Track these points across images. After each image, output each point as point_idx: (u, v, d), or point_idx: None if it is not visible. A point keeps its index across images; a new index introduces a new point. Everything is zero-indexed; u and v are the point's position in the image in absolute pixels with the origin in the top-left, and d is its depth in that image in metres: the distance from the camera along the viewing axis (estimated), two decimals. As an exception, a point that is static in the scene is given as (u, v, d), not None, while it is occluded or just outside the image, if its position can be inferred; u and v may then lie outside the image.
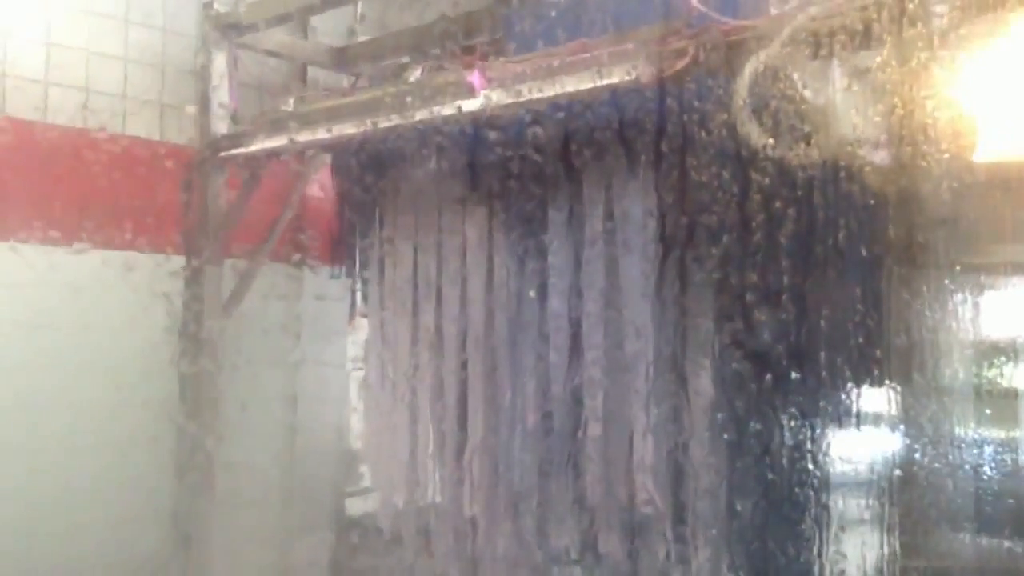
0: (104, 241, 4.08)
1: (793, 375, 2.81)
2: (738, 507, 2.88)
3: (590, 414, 3.19)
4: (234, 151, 4.11)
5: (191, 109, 4.31)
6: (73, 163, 4.03)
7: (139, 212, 4.19)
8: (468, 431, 3.55)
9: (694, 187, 2.85)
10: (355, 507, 4.51)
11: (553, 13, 3.26)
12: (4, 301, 3.80)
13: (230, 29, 4.28)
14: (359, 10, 4.79)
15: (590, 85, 2.91)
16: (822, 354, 2.76)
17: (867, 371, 2.77)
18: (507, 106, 3.10)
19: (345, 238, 4.04)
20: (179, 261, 4.26)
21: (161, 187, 4.25)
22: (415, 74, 3.52)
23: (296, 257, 4.61)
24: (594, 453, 3.16)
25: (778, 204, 2.71)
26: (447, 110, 3.22)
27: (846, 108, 2.60)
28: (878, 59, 2.50)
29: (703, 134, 2.82)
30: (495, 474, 3.45)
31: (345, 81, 4.68)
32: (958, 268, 2.74)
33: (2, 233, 3.82)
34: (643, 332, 3.08)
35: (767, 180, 2.69)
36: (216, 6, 4.29)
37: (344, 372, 4.77)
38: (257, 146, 4.00)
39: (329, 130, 3.66)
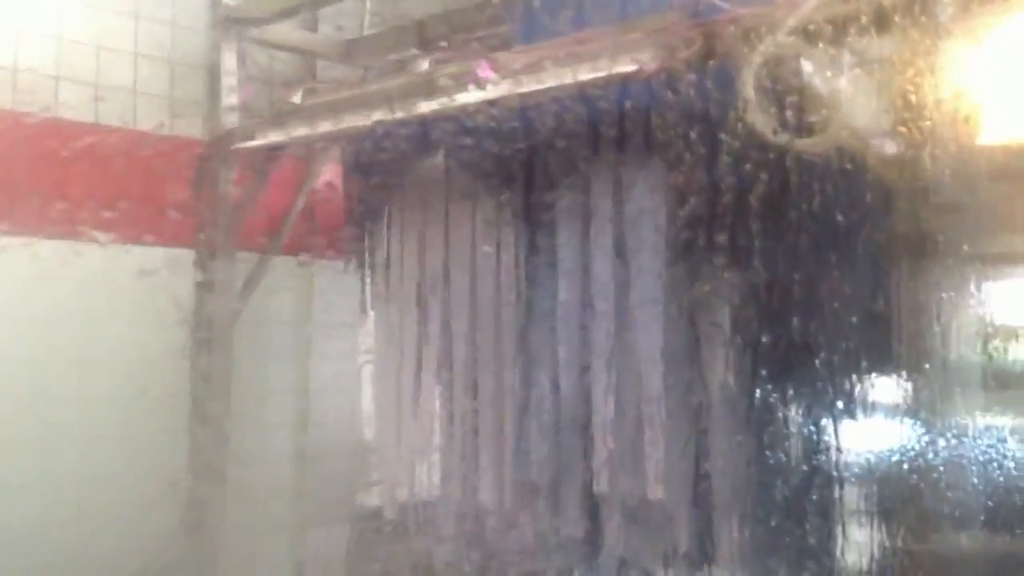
0: (115, 236, 4.09)
1: (808, 365, 2.79)
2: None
3: (601, 404, 3.19)
4: (244, 144, 4.12)
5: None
6: (83, 158, 4.04)
7: (150, 206, 4.21)
8: (478, 422, 3.55)
9: (706, 178, 2.83)
10: (367, 498, 4.51)
11: (560, 4, 3.25)
12: (16, 296, 3.82)
13: (239, 23, 4.29)
14: (368, 3, 4.79)
15: (597, 75, 2.90)
16: (841, 343, 2.75)
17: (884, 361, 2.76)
18: (514, 97, 3.09)
19: (354, 231, 4.04)
20: (191, 255, 4.28)
21: (172, 181, 4.26)
22: (423, 66, 3.51)
23: (307, 250, 4.63)
24: (606, 443, 3.15)
25: (788, 193, 2.70)
26: (454, 101, 3.21)
27: (856, 96, 2.58)
28: (888, 46, 2.48)
29: (712, 123, 2.80)
30: (505, 464, 3.45)
31: (353, 75, 4.68)
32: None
33: (13, 228, 3.84)
34: (655, 321, 3.07)
35: (779, 170, 2.67)
36: (225, 0, 4.30)
37: (356, 364, 4.78)
38: (266, 139, 4.01)
39: (337, 123, 3.66)
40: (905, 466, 2.77)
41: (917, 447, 2.77)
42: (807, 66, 2.66)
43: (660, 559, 3.11)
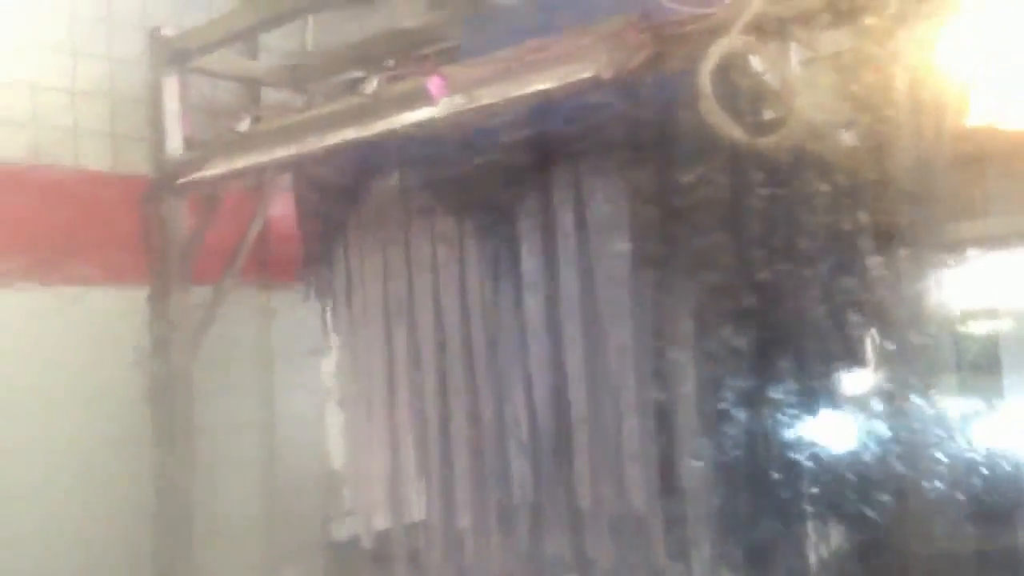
0: (64, 278, 3.98)
1: (778, 364, 2.78)
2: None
3: (574, 424, 3.15)
4: (190, 177, 4.04)
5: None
6: (26, 201, 3.93)
7: (98, 245, 4.10)
8: (448, 445, 3.49)
9: (667, 181, 2.81)
10: (339, 531, 4.43)
11: (508, 16, 3.22)
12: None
13: (179, 54, 4.21)
14: (310, 27, 4.73)
15: (550, 85, 2.87)
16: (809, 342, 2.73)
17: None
18: (467, 111, 3.05)
19: (311, 258, 3.97)
20: (144, 292, 4.18)
21: (119, 218, 4.16)
22: (372, 85, 3.46)
23: (263, 280, 4.54)
24: (581, 462, 3.11)
25: (752, 192, 2.68)
26: (406, 119, 3.16)
27: (812, 91, 2.57)
28: (841, 40, 2.47)
29: (670, 128, 2.78)
30: (480, 488, 3.39)
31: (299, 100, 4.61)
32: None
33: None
34: (624, 338, 3.04)
35: (741, 169, 2.66)
36: (163, 31, 4.22)
37: (321, 394, 4.71)
38: (213, 170, 3.93)
39: (285, 149, 3.59)
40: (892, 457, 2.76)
41: (898, 436, 2.76)
42: (761, 63, 2.65)
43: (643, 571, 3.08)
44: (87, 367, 3.98)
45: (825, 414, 2.85)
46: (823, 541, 2.86)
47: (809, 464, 2.86)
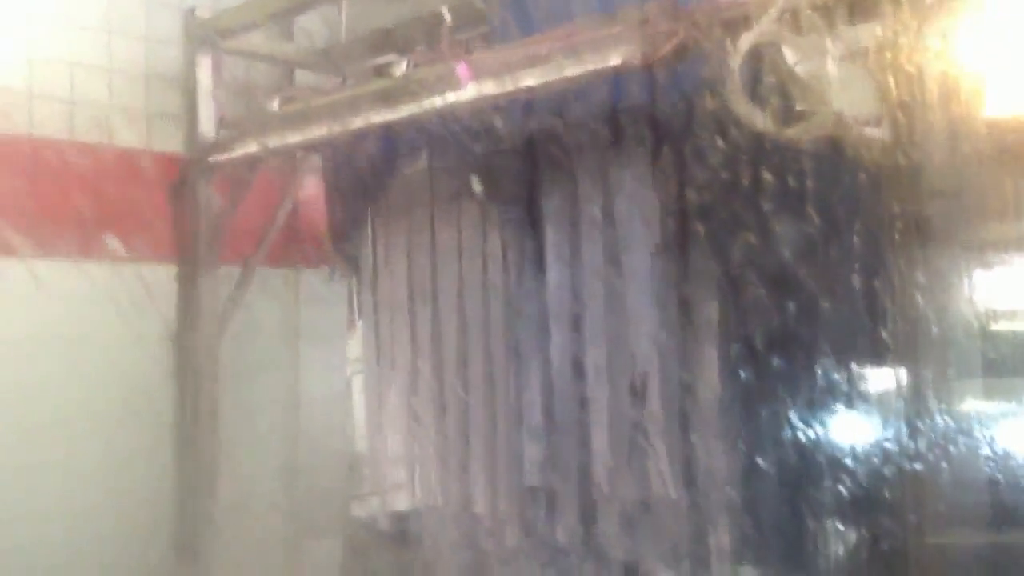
0: (96, 254, 4.02)
1: (802, 354, 2.76)
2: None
3: (593, 408, 3.14)
4: (222, 156, 4.06)
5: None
6: (61, 176, 3.97)
7: (130, 223, 4.14)
8: (468, 428, 3.50)
9: (693, 171, 2.80)
10: (360, 510, 4.46)
11: (540, 1, 3.21)
12: (-2, 318, 3.75)
13: (214, 34, 4.24)
14: (344, 10, 4.73)
15: (579, 71, 2.86)
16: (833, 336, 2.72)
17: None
18: (496, 96, 3.04)
19: (338, 239, 3.99)
20: (173, 270, 4.21)
21: (151, 197, 4.20)
22: (401, 68, 3.46)
23: (291, 261, 4.57)
24: (599, 447, 3.11)
25: (778, 182, 2.67)
26: (434, 103, 3.17)
27: (844, 82, 2.55)
28: (874, 31, 2.45)
29: (699, 116, 2.76)
30: (498, 471, 3.40)
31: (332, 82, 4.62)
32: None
33: (-10, 249, 3.77)
34: (647, 324, 3.03)
35: (767, 160, 2.64)
36: (198, 12, 4.25)
37: (346, 374, 4.73)
38: (245, 150, 3.96)
39: (316, 130, 3.60)
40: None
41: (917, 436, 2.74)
42: (792, 54, 2.62)
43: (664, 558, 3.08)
44: (115, 343, 4.02)
45: (848, 406, 2.84)
46: (843, 537, 2.84)
47: (831, 457, 2.85)
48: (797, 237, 2.73)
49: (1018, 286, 3.01)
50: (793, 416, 2.85)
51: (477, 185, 3.43)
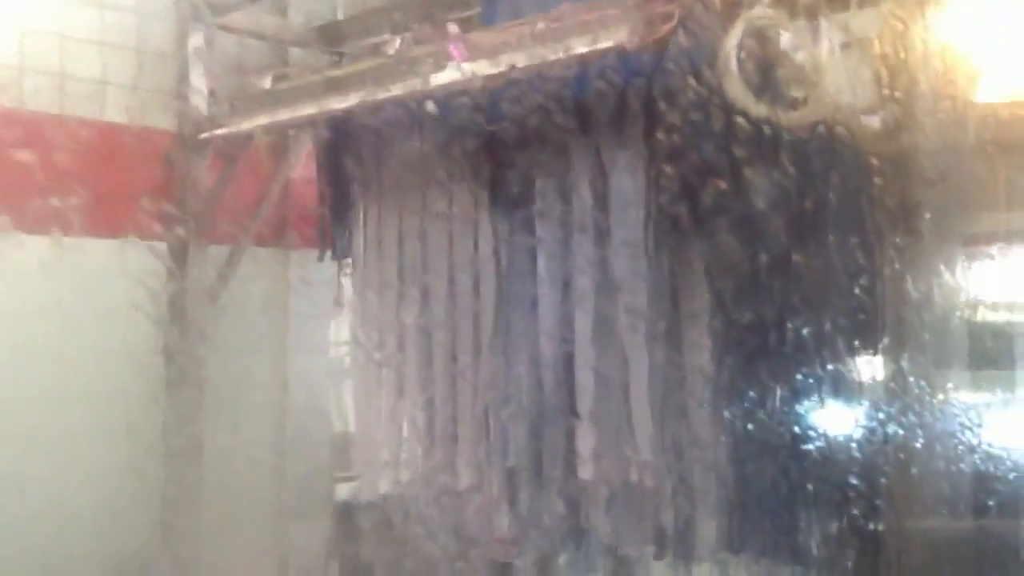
0: (84, 229, 4.00)
1: (792, 338, 2.76)
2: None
3: (582, 391, 3.14)
4: (214, 132, 4.04)
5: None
6: (49, 150, 3.94)
7: (120, 198, 4.11)
8: (456, 410, 3.50)
9: (685, 154, 2.78)
10: (346, 491, 4.46)
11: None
12: (-16, 293, 3.73)
13: (207, 10, 4.20)
14: (339, -13, 4.71)
15: (574, 53, 2.84)
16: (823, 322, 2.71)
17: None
18: (488, 77, 3.02)
19: (328, 219, 3.97)
20: (163, 247, 4.19)
21: (141, 172, 4.17)
22: (394, 47, 3.44)
23: (281, 240, 4.55)
24: (588, 428, 3.10)
25: (771, 168, 2.65)
26: (426, 82, 3.14)
27: (839, 68, 2.53)
28: (870, 16, 2.43)
29: (692, 99, 2.74)
30: (485, 451, 3.39)
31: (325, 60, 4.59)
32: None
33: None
34: (638, 307, 3.02)
35: (760, 145, 2.63)
36: (191, -13, 4.22)
37: (334, 355, 4.72)
38: (236, 127, 3.93)
39: (308, 108, 3.58)
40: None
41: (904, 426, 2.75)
42: (790, 41, 2.61)
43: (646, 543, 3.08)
44: (104, 319, 4.00)
45: (837, 392, 2.83)
46: (829, 522, 2.84)
47: (818, 443, 2.85)
48: (788, 222, 2.72)
49: (1010, 275, 3.01)
50: (780, 401, 2.84)
51: (469, 166, 3.41)
